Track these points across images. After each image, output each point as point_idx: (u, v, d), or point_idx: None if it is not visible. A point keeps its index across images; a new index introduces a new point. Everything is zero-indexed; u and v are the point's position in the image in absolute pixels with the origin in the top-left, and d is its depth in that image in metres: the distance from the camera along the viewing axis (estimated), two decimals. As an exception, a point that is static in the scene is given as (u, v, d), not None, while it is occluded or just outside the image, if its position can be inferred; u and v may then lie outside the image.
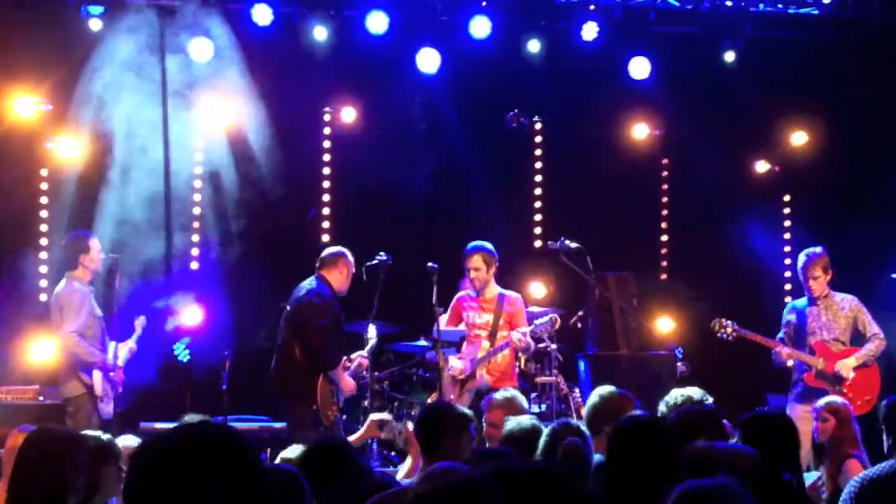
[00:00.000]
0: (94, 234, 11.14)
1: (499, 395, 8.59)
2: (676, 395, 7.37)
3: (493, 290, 11.44)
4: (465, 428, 6.93)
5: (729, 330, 11.53)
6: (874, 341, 11.43)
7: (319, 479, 6.28)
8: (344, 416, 11.72)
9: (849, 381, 11.27)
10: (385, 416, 8.92)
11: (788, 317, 11.76)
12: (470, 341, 11.31)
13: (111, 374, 10.76)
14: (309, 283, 10.95)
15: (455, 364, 11.14)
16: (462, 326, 11.38)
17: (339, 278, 10.99)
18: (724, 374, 12.98)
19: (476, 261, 11.31)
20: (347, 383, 10.85)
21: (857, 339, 11.52)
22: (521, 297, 11.92)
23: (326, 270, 10.99)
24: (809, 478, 7.15)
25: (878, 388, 11.33)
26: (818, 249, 11.59)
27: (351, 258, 11.07)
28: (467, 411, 7.28)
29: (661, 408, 7.39)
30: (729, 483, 3.80)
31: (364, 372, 11.27)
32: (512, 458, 5.35)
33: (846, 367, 11.28)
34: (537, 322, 11.35)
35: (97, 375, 10.61)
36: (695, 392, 7.38)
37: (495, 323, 11.35)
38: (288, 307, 10.96)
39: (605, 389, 8.31)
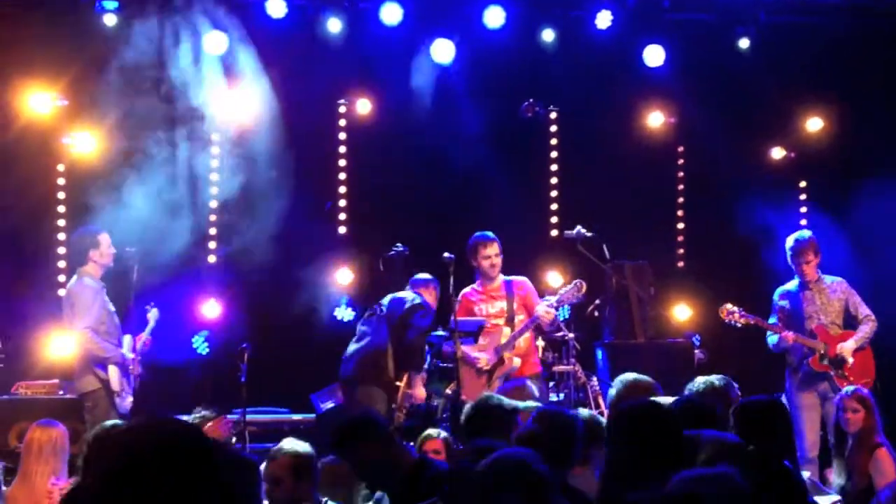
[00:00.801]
0: (103, 230, 11.12)
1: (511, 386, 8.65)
2: (699, 382, 7.41)
3: (498, 278, 11.53)
4: (513, 421, 6.97)
5: (736, 316, 11.57)
6: (867, 323, 11.49)
7: (349, 446, 6.44)
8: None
9: (849, 365, 11.30)
10: None
11: (781, 302, 11.79)
12: (488, 331, 11.33)
13: (129, 367, 10.78)
14: (413, 296, 11.28)
15: (479, 356, 11.18)
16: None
17: (429, 300, 11.33)
18: (741, 361, 12.95)
19: (496, 248, 11.41)
20: (420, 393, 11.08)
21: (848, 322, 11.58)
22: (537, 286, 11.95)
23: (421, 291, 11.31)
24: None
25: (874, 370, 11.41)
26: (807, 234, 11.72)
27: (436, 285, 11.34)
28: (517, 404, 7.31)
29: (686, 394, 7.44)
30: (727, 471, 3.82)
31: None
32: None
33: (847, 350, 11.36)
34: (562, 290, 11.41)
35: (113, 370, 10.63)
36: (717, 379, 7.42)
37: (510, 308, 11.42)
38: (384, 308, 11.25)
39: (628, 376, 8.33)
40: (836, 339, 11.41)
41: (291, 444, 6.59)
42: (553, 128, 14.77)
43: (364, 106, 14.12)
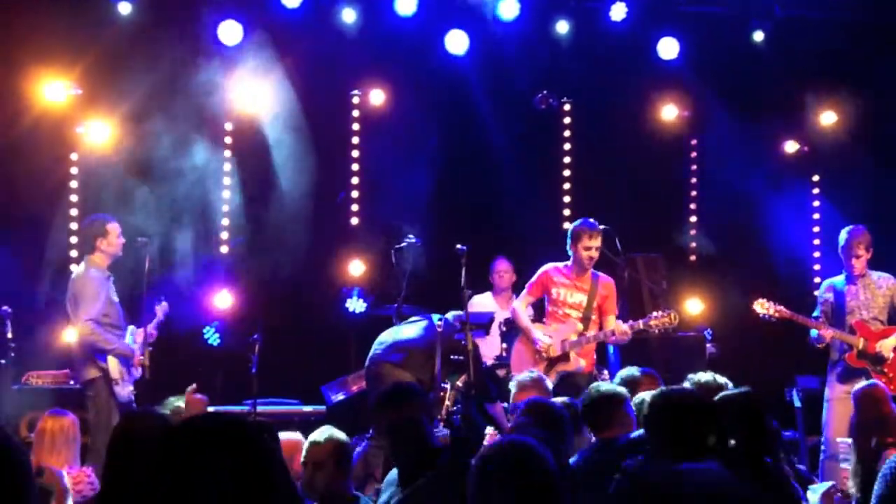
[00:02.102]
0: (113, 219, 11.04)
1: (524, 377, 8.63)
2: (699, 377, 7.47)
3: (590, 270, 11.39)
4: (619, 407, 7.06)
5: (772, 311, 11.45)
6: None
7: (394, 404, 6.52)
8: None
9: (889, 361, 11.23)
10: None
11: (826, 295, 11.67)
12: (558, 319, 11.23)
13: (132, 359, 10.74)
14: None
15: (543, 339, 11.09)
16: (544, 302, 11.36)
17: None
18: (753, 356, 12.97)
19: (600, 240, 11.26)
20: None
21: (893, 318, 11.50)
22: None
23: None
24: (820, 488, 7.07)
25: (918, 368, 11.34)
26: (861, 227, 11.52)
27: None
28: (621, 390, 7.34)
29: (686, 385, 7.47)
30: (712, 466, 3.83)
31: None
32: None
33: (887, 346, 11.23)
34: (655, 317, 11.25)
35: (112, 360, 10.59)
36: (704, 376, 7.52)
37: (589, 305, 11.22)
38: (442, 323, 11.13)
39: (626, 371, 8.36)
40: (876, 334, 11.31)
41: (332, 430, 6.65)
42: (566, 120, 14.76)
43: (378, 97, 14.12)
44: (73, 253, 12.79)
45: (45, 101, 12.69)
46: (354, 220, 14.11)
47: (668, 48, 14.18)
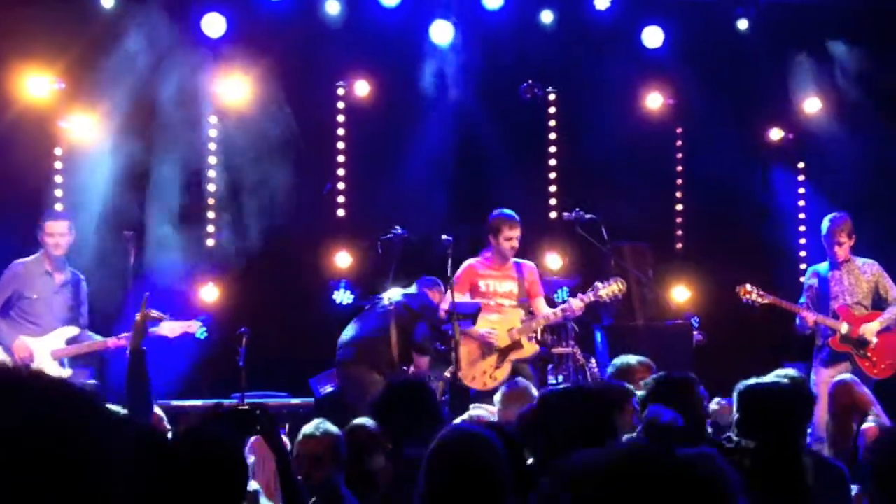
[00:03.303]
0: (57, 217, 11.10)
1: (508, 390, 8.57)
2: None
3: (510, 259, 11.49)
4: (628, 402, 6.98)
5: (754, 296, 11.50)
6: None
7: (394, 413, 6.45)
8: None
9: (872, 345, 11.28)
10: None
11: (810, 281, 11.76)
12: (492, 310, 11.27)
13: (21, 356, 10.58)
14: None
15: (490, 332, 11.15)
16: (470, 297, 11.39)
17: (436, 298, 11.24)
18: (740, 343, 13.00)
19: (519, 230, 11.38)
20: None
21: (877, 304, 11.54)
22: (538, 267, 11.95)
23: (426, 291, 11.29)
24: None
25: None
26: (843, 214, 11.58)
27: (441, 287, 11.24)
28: (628, 387, 7.32)
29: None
30: (710, 453, 3.83)
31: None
32: None
33: (870, 331, 11.30)
34: (603, 287, 11.39)
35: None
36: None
37: (521, 291, 11.36)
38: (391, 302, 11.26)
39: (621, 360, 8.34)
40: (860, 319, 11.38)
41: (326, 424, 6.63)
42: (552, 109, 14.76)
43: (363, 88, 14.10)
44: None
45: (29, 95, 12.64)
46: (341, 212, 14.09)
47: (652, 37, 14.19)
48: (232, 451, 4.54)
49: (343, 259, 13.77)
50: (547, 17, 14.06)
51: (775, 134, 14.92)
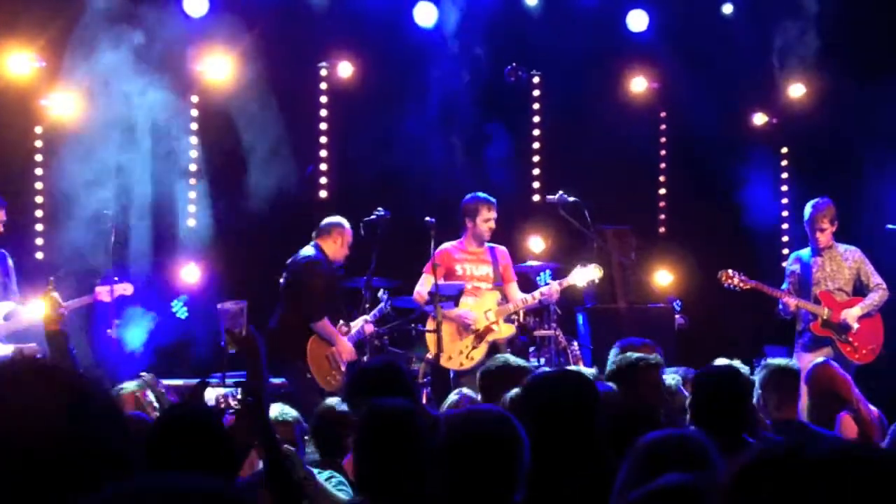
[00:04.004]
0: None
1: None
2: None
3: (484, 243, 11.51)
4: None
5: (736, 281, 11.49)
6: (878, 291, 11.46)
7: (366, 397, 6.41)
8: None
9: (854, 331, 11.30)
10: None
11: (792, 267, 11.77)
12: (468, 293, 11.28)
13: None
14: (305, 251, 11.13)
15: (469, 314, 11.14)
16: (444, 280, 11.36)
17: (333, 247, 11.12)
18: (722, 327, 13.01)
19: (495, 212, 11.37)
20: (344, 346, 10.93)
21: (859, 290, 11.55)
22: (519, 251, 11.95)
23: (322, 239, 11.15)
24: None
25: (882, 338, 11.39)
26: (825, 200, 11.58)
27: (347, 228, 11.13)
28: (526, 364, 7.30)
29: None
30: (693, 433, 3.81)
31: (370, 338, 11.27)
32: None
33: (851, 316, 11.31)
34: (578, 272, 11.44)
35: None
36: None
37: (496, 274, 11.40)
38: (285, 273, 11.07)
39: (626, 341, 8.26)
40: (841, 304, 11.39)
41: (288, 408, 6.69)
42: (536, 92, 14.74)
43: (346, 69, 14.06)
44: (38, 227, 12.72)
45: (9, 73, 12.57)
46: (323, 193, 14.06)
47: (637, 20, 14.19)
48: (212, 424, 4.55)
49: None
50: (532, -1, 14.05)
51: (759, 119, 14.93)
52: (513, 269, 11.69)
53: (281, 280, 11.19)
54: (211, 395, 7.33)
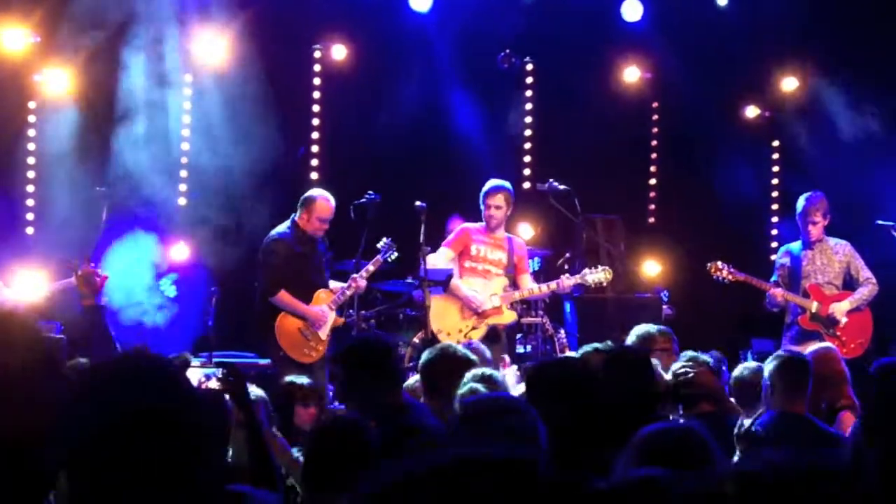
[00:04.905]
0: None
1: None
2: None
3: (502, 230, 11.60)
4: (465, 372, 6.96)
5: (724, 273, 11.52)
6: (867, 286, 11.49)
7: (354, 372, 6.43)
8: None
9: (842, 325, 11.32)
10: None
11: (782, 260, 11.78)
12: (479, 274, 11.38)
13: None
14: (276, 228, 11.22)
15: (476, 296, 11.23)
16: (455, 259, 11.41)
17: (304, 220, 11.09)
18: (709, 318, 13.04)
19: (499, 199, 11.43)
20: (311, 313, 10.92)
21: (848, 285, 11.58)
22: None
23: (298, 213, 11.09)
24: None
25: (871, 333, 11.42)
26: (818, 194, 11.60)
27: (319, 199, 11.10)
28: (471, 356, 7.32)
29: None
30: (694, 427, 3.83)
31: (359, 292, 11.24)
32: None
33: (840, 310, 11.33)
34: (591, 273, 11.52)
35: None
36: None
37: (509, 263, 11.47)
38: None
39: (642, 329, 8.23)
40: (830, 298, 11.41)
41: (254, 387, 6.66)
42: (529, 79, 14.75)
43: (339, 52, 14.06)
44: (30, 202, 12.72)
45: (3, 48, 12.56)
46: (314, 175, 14.07)
47: (632, 10, 14.19)
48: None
49: (315, 222, 13.73)
50: (527, -14, 14.05)
51: (751, 111, 14.95)
52: (527, 262, 11.83)
53: None
54: (193, 376, 7.41)
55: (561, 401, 4.73)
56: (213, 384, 5.53)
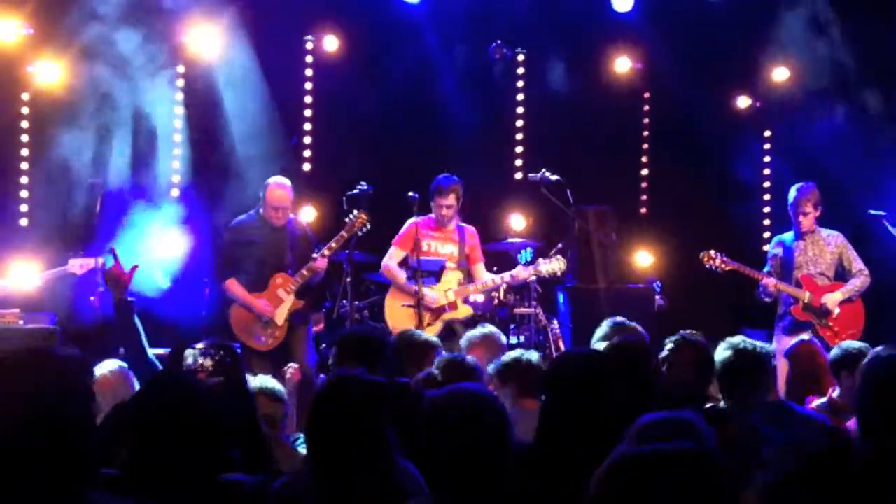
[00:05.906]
0: None
1: (476, 333, 8.62)
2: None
3: (452, 222, 11.56)
4: (431, 356, 7.00)
5: (718, 262, 11.55)
6: (859, 277, 11.52)
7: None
8: (323, 346, 11.82)
9: (834, 315, 11.35)
10: None
11: (775, 250, 11.80)
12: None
13: None
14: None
15: (429, 292, 11.20)
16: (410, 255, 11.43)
17: (262, 207, 11.18)
18: (701, 308, 13.05)
19: (452, 197, 11.35)
20: (256, 305, 10.96)
21: (841, 276, 11.61)
22: (500, 228, 11.98)
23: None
24: None
25: (863, 323, 11.44)
26: (810, 184, 11.62)
27: (270, 186, 11.15)
28: (432, 339, 7.36)
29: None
30: (690, 416, 3.85)
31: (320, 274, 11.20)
32: None
33: (832, 300, 11.36)
34: (544, 263, 11.51)
35: None
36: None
37: (461, 254, 11.46)
38: None
39: (618, 320, 8.22)
40: (822, 289, 11.43)
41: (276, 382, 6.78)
42: (520, 70, 14.76)
43: (331, 42, 14.06)
44: (24, 193, 12.71)
45: (-4, 40, 12.55)
46: (307, 166, 14.09)
47: (622, 0, 14.17)
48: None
49: (308, 213, 13.74)
50: (518, -23, 14.04)
51: (743, 102, 14.98)
52: (480, 250, 11.72)
53: None
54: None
55: (584, 395, 4.73)
56: (208, 363, 5.38)
